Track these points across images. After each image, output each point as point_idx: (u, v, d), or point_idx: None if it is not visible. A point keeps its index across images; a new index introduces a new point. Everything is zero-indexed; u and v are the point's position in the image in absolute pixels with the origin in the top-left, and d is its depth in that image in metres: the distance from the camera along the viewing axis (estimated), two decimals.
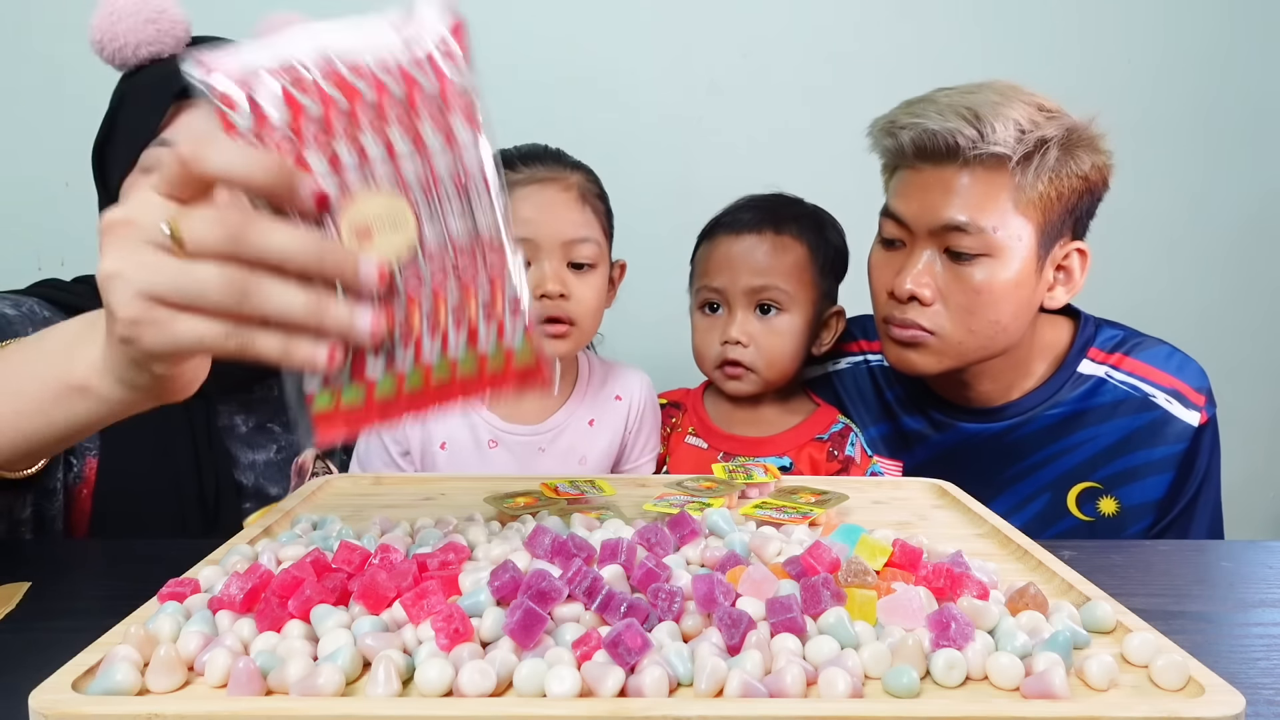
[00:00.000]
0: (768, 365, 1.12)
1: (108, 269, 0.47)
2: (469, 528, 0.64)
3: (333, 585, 0.49)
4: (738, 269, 1.12)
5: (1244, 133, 1.71)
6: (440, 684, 0.41)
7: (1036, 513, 1.08)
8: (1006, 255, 0.97)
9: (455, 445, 1.07)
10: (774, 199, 1.17)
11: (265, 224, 0.47)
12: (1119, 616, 0.51)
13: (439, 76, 0.49)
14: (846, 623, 0.46)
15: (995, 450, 1.08)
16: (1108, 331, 1.09)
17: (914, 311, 1.00)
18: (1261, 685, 0.50)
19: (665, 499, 0.71)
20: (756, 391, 1.14)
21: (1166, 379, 1.06)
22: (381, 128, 0.49)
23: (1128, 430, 1.05)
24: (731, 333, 1.12)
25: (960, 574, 0.51)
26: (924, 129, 0.96)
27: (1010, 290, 0.98)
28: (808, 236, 1.13)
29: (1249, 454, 1.78)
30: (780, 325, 1.12)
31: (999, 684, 0.43)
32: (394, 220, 0.49)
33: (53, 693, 0.41)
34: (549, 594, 0.46)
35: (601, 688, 0.41)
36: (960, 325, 0.99)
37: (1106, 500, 1.06)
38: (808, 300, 1.13)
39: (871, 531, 0.59)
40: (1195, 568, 0.72)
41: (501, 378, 0.50)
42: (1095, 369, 1.07)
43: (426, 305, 0.49)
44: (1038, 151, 0.95)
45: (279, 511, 0.71)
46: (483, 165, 0.49)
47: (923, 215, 0.98)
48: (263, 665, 0.43)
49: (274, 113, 0.49)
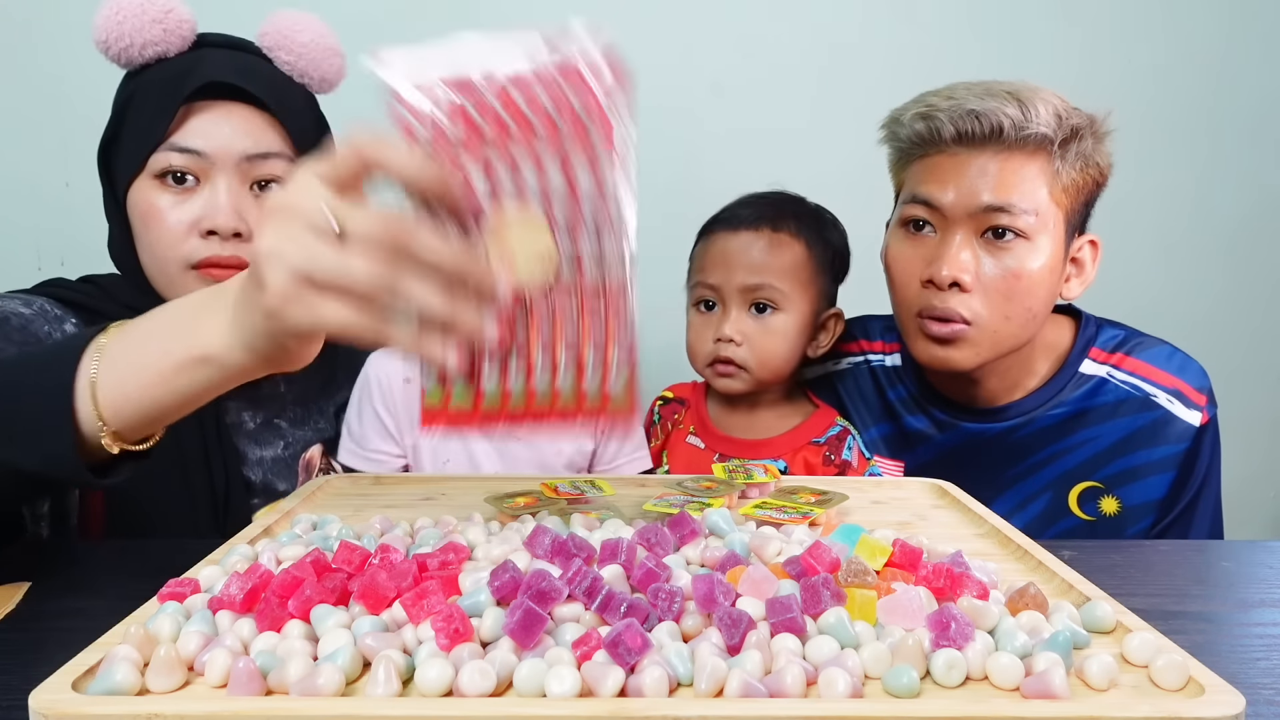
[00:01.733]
0: (760, 364, 1.11)
1: (266, 246, 0.50)
2: (469, 528, 0.64)
3: (333, 585, 0.49)
4: (733, 266, 1.11)
5: (1243, 133, 1.71)
6: (440, 684, 0.41)
7: (1038, 512, 1.08)
8: (1041, 241, 0.97)
9: None
10: (775, 197, 1.16)
11: (421, 228, 0.50)
12: (1119, 616, 0.51)
13: (595, 107, 0.52)
14: (846, 623, 0.46)
15: (998, 450, 1.08)
16: (1109, 331, 1.09)
17: (955, 300, 0.98)
18: (1261, 685, 0.50)
19: (665, 499, 0.71)
20: (747, 390, 1.14)
21: (1168, 379, 1.06)
22: (539, 154, 0.52)
23: (1129, 430, 1.05)
24: (725, 330, 1.10)
25: (960, 574, 0.51)
26: (967, 110, 0.96)
27: (1044, 277, 0.98)
28: (806, 235, 1.12)
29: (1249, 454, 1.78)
30: (775, 324, 1.11)
31: (999, 684, 0.43)
32: (537, 250, 0.52)
33: (53, 693, 0.41)
34: (549, 594, 0.46)
35: (601, 688, 0.41)
36: (998, 312, 0.98)
37: (1108, 500, 1.06)
38: (804, 300, 1.12)
39: (871, 531, 0.59)
40: (1195, 568, 0.72)
41: (594, 413, 0.53)
42: (1097, 369, 1.07)
43: (546, 335, 0.53)
44: (1074, 138, 0.96)
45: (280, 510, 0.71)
46: (620, 206, 0.53)
47: (961, 199, 0.97)
48: (263, 665, 0.43)
49: (448, 125, 0.52)
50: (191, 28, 0.92)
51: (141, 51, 0.90)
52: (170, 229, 0.89)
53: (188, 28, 0.92)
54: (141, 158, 0.89)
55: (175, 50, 0.92)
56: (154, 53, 0.91)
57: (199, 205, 0.89)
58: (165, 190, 0.90)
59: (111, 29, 0.90)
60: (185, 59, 0.91)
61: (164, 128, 0.88)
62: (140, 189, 0.90)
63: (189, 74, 0.89)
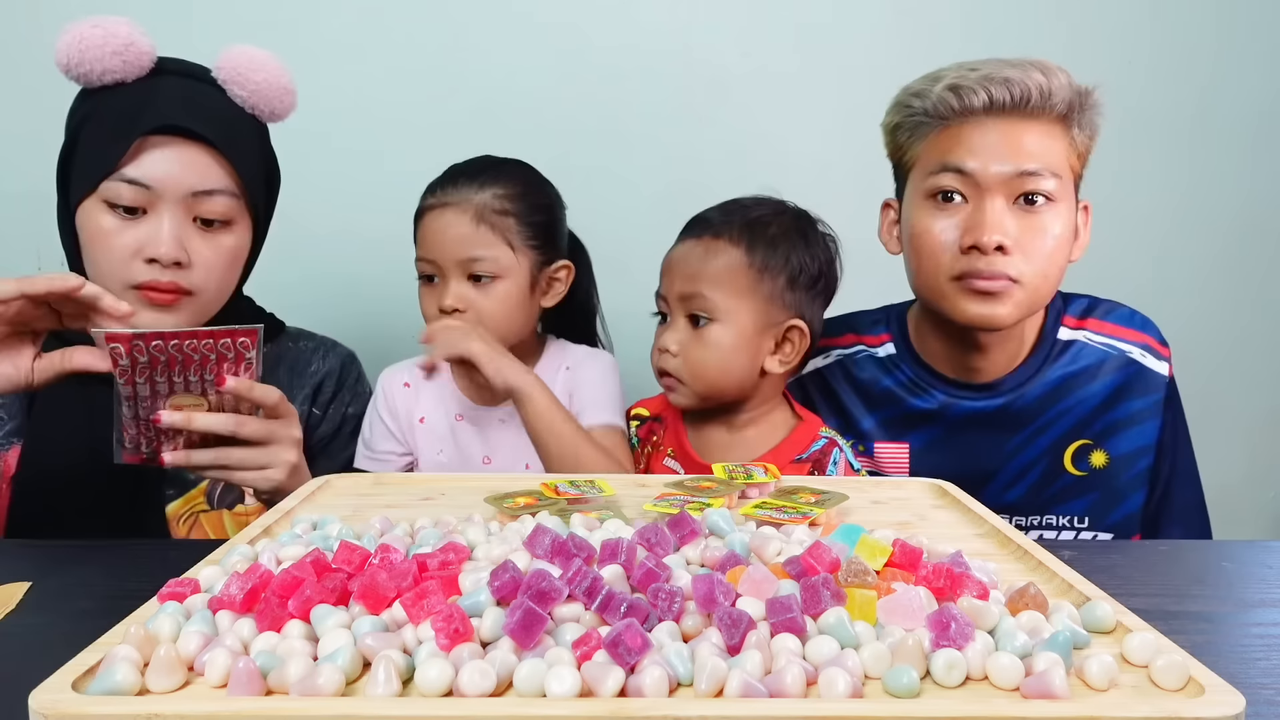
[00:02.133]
0: (694, 377, 1.06)
1: None
2: (469, 528, 0.64)
3: (333, 585, 0.49)
4: (674, 274, 1.07)
5: (1237, 134, 1.71)
6: (440, 684, 0.41)
7: (1037, 477, 1.13)
8: (1064, 204, 1.04)
9: (431, 420, 1.19)
10: (749, 202, 1.10)
11: None
12: (1119, 616, 0.51)
13: None
14: (846, 623, 0.46)
15: (997, 424, 1.12)
16: (1075, 300, 1.17)
17: (1000, 262, 1.02)
18: (1261, 685, 0.50)
19: (665, 499, 0.71)
20: (692, 405, 1.09)
21: (1136, 335, 1.14)
22: None
23: (1112, 386, 1.13)
24: (663, 340, 1.07)
25: (960, 574, 0.51)
26: (1002, 77, 1.01)
27: (1068, 238, 1.05)
28: (749, 241, 1.05)
29: (1249, 454, 1.78)
30: (710, 336, 1.04)
31: (999, 684, 0.43)
32: None
33: (53, 693, 0.41)
34: (549, 594, 0.46)
35: (601, 688, 0.41)
36: (1039, 271, 1.03)
37: (1097, 453, 1.13)
38: (744, 310, 1.04)
39: (871, 531, 0.59)
40: (1195, 568, 0.72)
41: None
42: (1073, 335, 1.14)
43: None
44: (1083, 106, 1.03)
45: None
46: None
47: (995, 166, 1.01)
48: (263, 665, 0.43)
49: None
50: (151, 58, 0.97)
51: (101, 78, 0.94)
52: (115, 252, 0.95)
53: (147, 59, 0.96)
54: (94, 182, 0.94)
55: (133, 78, 0.95)
56: (113, 79, 0.95)
57: (143, 233, 0.95)
58: (113, 215, 0.95)
59: (73, 55, 0.94)
60: (142, 86, 0.96)
61: (116, 158, 0.93)
62: (90, 210, 0.95)
63: (145, 107, 0.94)
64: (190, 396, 0.82)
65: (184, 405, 0.81)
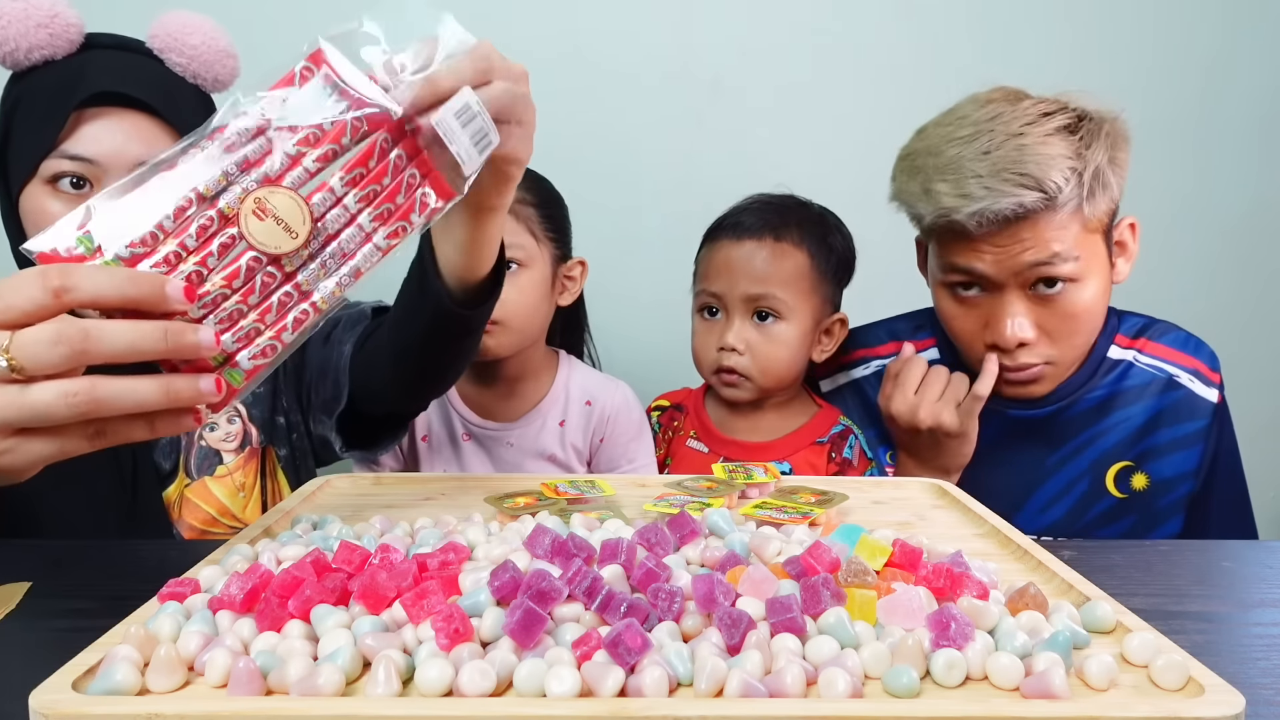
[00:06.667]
0: (763, 373, 1.11)
1: None
2: (469, 528, 0.64)
3: (333, 585, 0.49)
4: (737, 275, 1.11)
5: (1239, 135, 1.71)
6: (440, 684, 0.41)
7: (1080, 496, 1.12)
8: (1090, 273, 1.01)
9: (435, 438, 1.17)
10: (780, 202, 1.16)
11: (101, 327, 0.48)
12: (1119, 616, 0.51)
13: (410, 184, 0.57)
14: (846, 623, 0.46)
15: (1039, 436, 1.11)
16: (1130, 319, 1.14)
17: (1025, 354, 1.02)
18: (1261, 685, 0.50)
19: (665, 499, 0.71)
20: (753, 399, 1.14)
21: (1187, 359, 1.12)
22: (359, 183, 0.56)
23: (1157, 409, 1.11)
24: (728, 339, 1.11)
25: (960, 574, 0.51)
26: (989, 209, 0.95)
27: (1098, 301, 1.03)
28: (810, 244, 1.12)
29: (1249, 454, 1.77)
30: (778, 333, 1.11)
31: (999, 684, 0.43)
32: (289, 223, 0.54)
33: (53, 693, 0.41)
34: (549, 594, 0.46)
35: (601, 688, 0.41)
36: (1068, 348, 1.04)
37: (1138, 476, 1.11)
38: (807, 308, 1.12)
39: (871, 531, 0.59)
40: (1195, 568, 0.72)
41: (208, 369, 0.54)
42: (1123, 354, 1.12)
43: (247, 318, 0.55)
44: (1096, 183, 0.97)
45: None
46: (361, 264, 0.57)
47: (1005, 266, 0.99)
48: (263, 665, 0.43)
49: None
50: (79, 30, 0.92)
51: (28, 55, 0.90)
52: None
53: (74, 31, 0.91)
54: (33, 164, 0.89)
55: (63, 54, 0.91)
56: (40, 56, 0.90)
57: None
58: (57, 196, 0.90)
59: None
60: (73, 62, 0.91)
61: (53, 136, 0.89)
62: (32, 194, 0.91)
63: (77, 81, 0.90)
64: None
65: None
